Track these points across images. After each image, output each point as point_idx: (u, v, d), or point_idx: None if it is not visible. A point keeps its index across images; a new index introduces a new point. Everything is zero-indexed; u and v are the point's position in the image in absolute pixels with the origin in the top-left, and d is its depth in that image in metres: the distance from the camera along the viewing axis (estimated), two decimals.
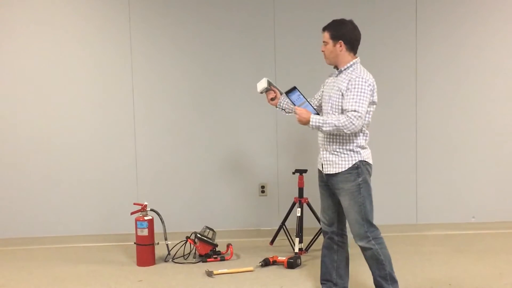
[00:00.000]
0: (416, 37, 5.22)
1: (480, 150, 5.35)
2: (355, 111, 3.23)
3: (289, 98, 3.53)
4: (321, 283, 3.71)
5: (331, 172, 3.42)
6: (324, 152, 3.47)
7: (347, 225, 3.56)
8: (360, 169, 3.37)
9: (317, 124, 3.31)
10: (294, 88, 3.54)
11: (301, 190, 4.85)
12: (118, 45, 5.15)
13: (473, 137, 5.34)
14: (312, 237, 4.88)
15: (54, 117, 5.14)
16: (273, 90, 3.77)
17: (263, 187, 5.33)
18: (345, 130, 3.25)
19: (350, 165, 3.36)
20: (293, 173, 4.91)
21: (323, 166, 3.48)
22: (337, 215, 3.57)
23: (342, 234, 3.62)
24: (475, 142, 5.34)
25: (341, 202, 3.45)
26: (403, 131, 5.31)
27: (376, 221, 3.51)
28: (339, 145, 3.38)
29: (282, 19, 5.22)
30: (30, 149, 5.14)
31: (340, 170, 3.38)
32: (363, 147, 3.40)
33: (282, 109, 3.76)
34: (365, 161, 3.40)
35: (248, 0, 5.20)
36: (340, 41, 3.39)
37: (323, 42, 3.46)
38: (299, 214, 4.74)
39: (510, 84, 5.32)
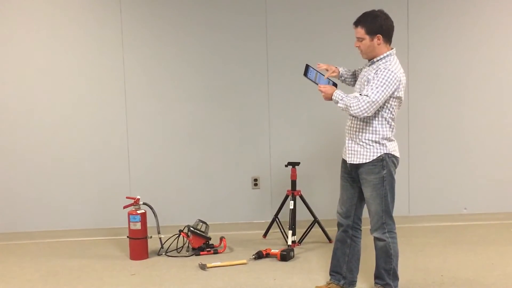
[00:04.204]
0: (408, 34, 5.22)
1: (471, 141, 5.36)
2: (366, 95, 3.22)
3: (310, 79, 3.51)
4: (330, 274, 3.71)
5: (355, 162, 3.41)
6: (350, 141, 3.45)
7: (363, 219, 3.60)
8: (385, 162, 3.36)
9: (336, 99, 3.34)
10: (307, 67, 3.50)
11: (293, 183, 4.85)
12: (110, 43, 5.12)
13: (464, 129, 5.35)
14: (305, 230, 4.89)
15: (45, 114, 5.12)
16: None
17: (256, 180, 5.33)
18: (351, 111, 3.25)
19: (375, 157, 3.35)
20: (286, 165, 4.91)
21: (348, 156, 3.46)
22: (355, 208, 3.56)
23: (357, 228, 3.61)
24: (466, 133, 5.36)
25: (363, 193, 3.45)
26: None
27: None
28: (365, 136, 3.37)
29: (274, 20, 5.20)
30: (22, 145, 5.12)
31: (364, 161, 3.37)
32: (389, 139, 3.39)
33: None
34: (391, 153, 3.39)
35: (241, 2, 5.18)
36: (378, 35, 3.32)
37: (358, 38, 3.37)
38: (292, 207, 4.74)
39: (503, 79, 5.33)
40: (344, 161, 3.56)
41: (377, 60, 3.37)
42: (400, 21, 5.13)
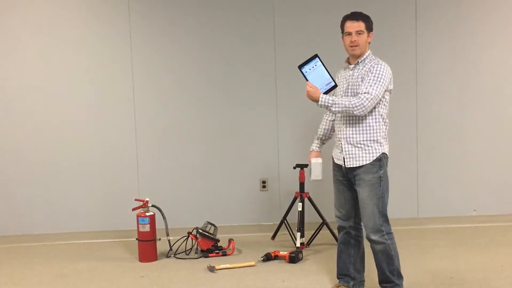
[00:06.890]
0: (416, 34, 5.21)
1: (481, 143, 5.34)
2: (367, 93, 3.25)
3: (301, 72, 3.41)
4: (338, 278, 3.70)
5: (355, 166, 3.39)
6: (347, 145, 3.42)
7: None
8: (383, 162, 3.37)
9: (326, 103, 3.31)
10: (313, 58, 3.43)
11: (302, 185, 4.85)
12: (119, 45, 5.15)
13: (474, 131, 5.34)
14: (313, 232, 4.88)
15: (55, 116, 5.15)
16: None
17: (264, 182, 5.33)
18: (355, 111, 3.27)
19: (374, 158, 3.35)
20: (294, 167, 4.90)
21: (345, 159, 3.43)
22: (354, 210, 3.55)
23: (359, 228, 3.61)
24: (476, 135, 5.34)
25: (359, 194, 3.42)
26: (404, 125, 5.31)
27: None
28: (363, 137, 3.37)
29: (282, 23, 5.21)
30: (30, 146, 5.15)
31: (364, 163, 3.36)
32: (385, 138, 3.41)
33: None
34: (386, 153, 3.41)
35: (249, 3, 5.20)
36: (371, 32, 3.45)
37: (358, 31, 3.39)
38: (300, 209, 4.74)
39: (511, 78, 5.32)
40: (337, 165, 3.55)
41: (361, 61, 3.43)
42: (408, 20, 5.19)
